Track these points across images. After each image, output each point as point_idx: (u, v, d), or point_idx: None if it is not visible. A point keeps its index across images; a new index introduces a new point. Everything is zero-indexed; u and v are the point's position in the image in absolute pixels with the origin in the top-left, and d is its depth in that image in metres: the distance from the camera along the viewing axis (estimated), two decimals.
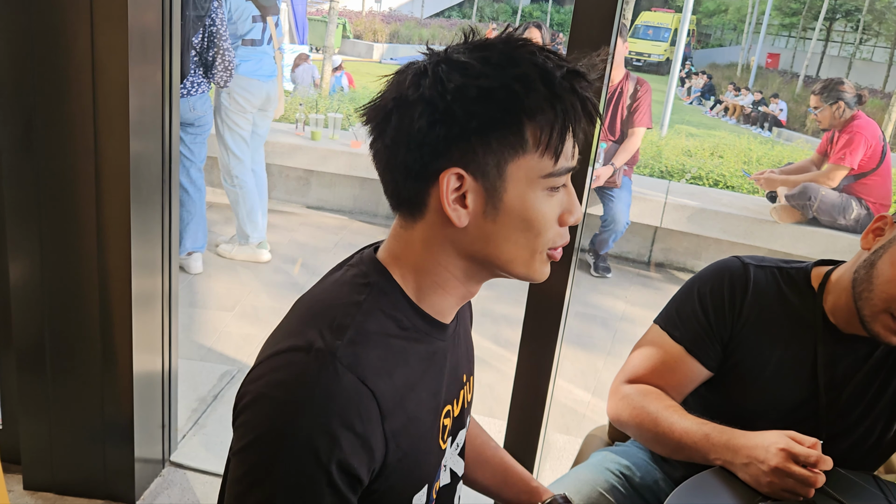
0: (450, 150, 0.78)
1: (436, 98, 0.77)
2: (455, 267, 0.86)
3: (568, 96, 0.79)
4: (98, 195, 1.73)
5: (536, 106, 0.77)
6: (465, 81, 0.77)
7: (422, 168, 0.79)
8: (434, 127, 0.77)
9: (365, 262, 0.88)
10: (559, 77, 0.78)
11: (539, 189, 0.81)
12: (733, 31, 34.88)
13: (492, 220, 0.81)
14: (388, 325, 0.83)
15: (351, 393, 0.76)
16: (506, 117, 0.77)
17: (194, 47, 3.35)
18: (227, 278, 3.81)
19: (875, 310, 1.18)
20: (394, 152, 0.80)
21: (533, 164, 0.79)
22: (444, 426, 0.93)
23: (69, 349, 1.85)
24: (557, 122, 0.78)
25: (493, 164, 0.79)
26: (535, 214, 0.82)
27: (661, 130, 10.56)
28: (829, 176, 4.16)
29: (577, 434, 2.72)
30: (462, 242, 0.83)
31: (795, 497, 1.09)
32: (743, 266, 1.32)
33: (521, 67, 0.78)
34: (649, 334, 1.37)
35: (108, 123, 1.68)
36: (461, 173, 0.79)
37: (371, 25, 23.14)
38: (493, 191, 0.80)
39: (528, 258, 0.84)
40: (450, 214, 0.80)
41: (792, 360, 1.28)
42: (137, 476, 1.98)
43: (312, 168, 5.19)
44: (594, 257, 4.55)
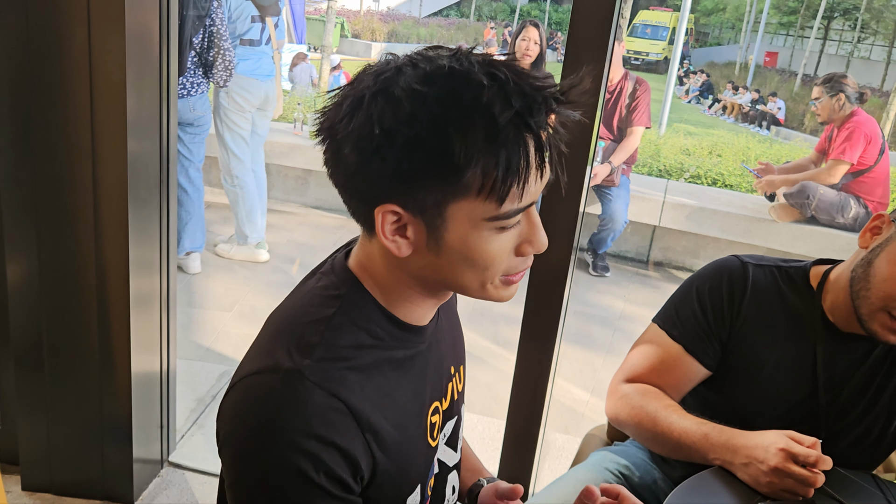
0: (387, 184, 0.74)
1: (363, 139, 0.73)
2: (414, 283, 0.84)
3: (515, 141, 0.72)
4: (95, 195, 1.72)
5: (473, 154, 0.71)
6: (392, 126, 0.71)
7: (365, 198, 0.77)
8: (365, 165, 0.74)
9: (336, 272, 0.87)
10: (504, 121, 0.71)
11: (484, 230, 0.76)
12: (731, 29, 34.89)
13: (435, 253, 0.78)
14: (360, 336, 0.82)
15: (324, 409, 0.76)
16: (439, 164, 0.72)
17: (194, 47, 3.34)
18: (226, 278, 3.81)
19: (872, 308, 1.18)
20: (334, 174, 0.79)
21: (474, 207, 0.74)
22: (432, 424, 0.93)
23: (67, 349, 1.85)
24: (499, 170, 0.72)
25: (431, 203, 0.74)
26: (479, 254, 0.78)
27: (659, 129, 10.56)
28: (830, 172, 4.15)
29: (576, 433, 2.71)
30: (411, 268, 0.81)
31: (795, 497, 1.09)
32: (742, 265, 1.32)
33: (462, 111, 0.71)
34: (648, 333, 1.37)
35: (105, 124, 1.67)
36: (398, 211, 0.75)
37: (369, 24, 23.12)
38: (433, 228, 0.76)
39: (479, 287, 0.82)
40: (388, 247, 0.78)
41: (791, 360, 1.28)
42: (136, 476, 1.97)
43: (311, 167, 5.18)
44: (593, 256, 4.55)
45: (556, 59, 16.45)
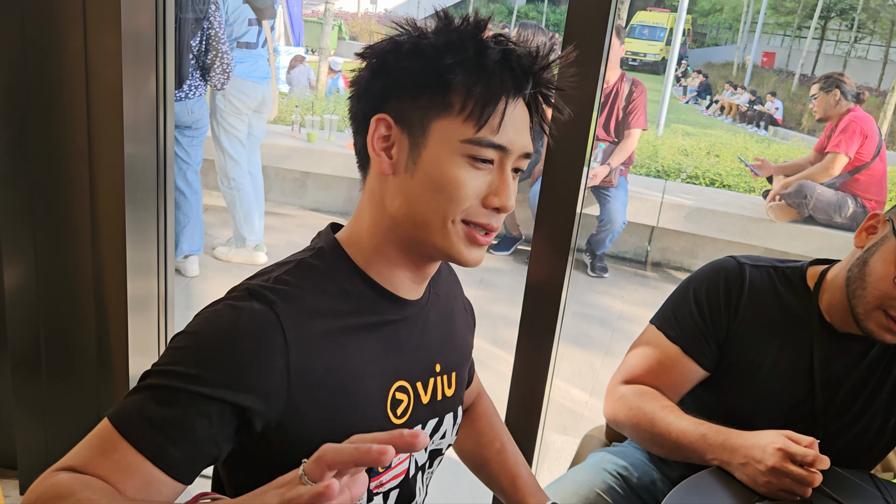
0: (385, 100, 0.85)
1: (378, 54, 0.86)
2: (387, 228, 0.88)
3: (496, 67, 0.83)
4: (92, 199, 1.72)
5: (465, 73, 0.82)
6: (404, 40, 0.84)
7: (364, 118, 0.87)
8: (373, 79, 0.86)
9: (321, 236, 0.94)
10: (494, 52, 0.83)
11: (458, 154, 0.83)
12: (728, 30, 34.92)
13: (410, 174, 0.85)
14: (323, 282, 0.87)
15: (257, 314, 0.80)
16: (431, 76, 0.82)
17: (192, 50, 3.34)
18: (224, 281, 3.80)
19: (868, 307, 1.18)
20: (352, 102, 0.89)
21: (455, 128, 0.83)
22: (396, 400, 0.92)
23: (64, 353, 1.84)
24: (479, 88, 0.82)
25: (418, 119, 0.84)
26: (448, 178, 0.83)
27: (657, 130, 10.56)
28: (829, 165, 4.15)
29: (574, 434, 2.71)
30: (387, 196, 0.87)
31: (793, 497, 1.09)
32: (739, 266, 1.32)
33: (462, 39, 0.83)
34: (645, 334, 1.37)
35: (101, 127, 1.67)
36: (388, 121, 0.85)
37: (367, 27, 23.11)
38: (415, 145, 0.84)
39: (441, 226, 0.85)
40: (373, 159, 0.86)
41: (788, 360, 1.28)
42: None
43: (309, 170, 5.18)
44: (591, 257, 4.55)
45: None
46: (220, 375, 0.77)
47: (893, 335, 1.18)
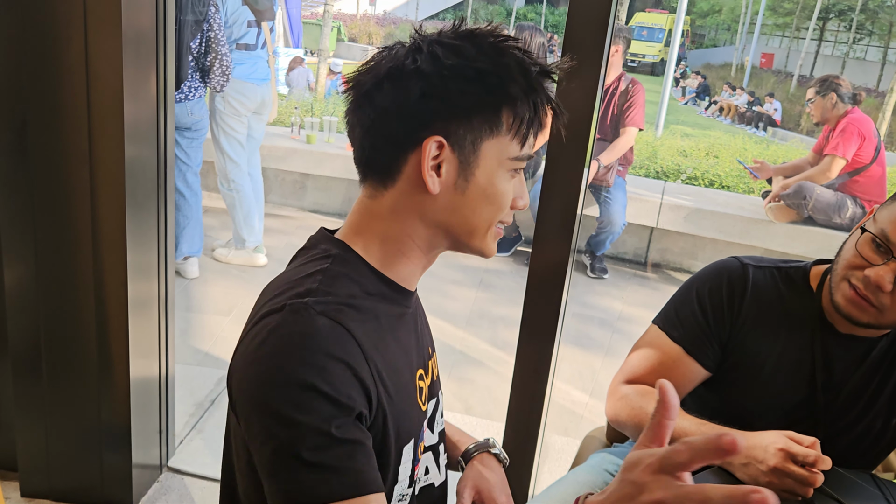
0: (435, 121, 0.85)
1: (433, 73, 0.84)
2: (419, 236, 0.91)
3: (540, 91, 0.88)
4: (93, 200, 1.72)
5: (515, 94, 0.86)
6: (461, 62, 0.84)
7: (406, 136, 0.86)
8: (426, 99, 0.84)
9: (321, 241, 0.94)
10: (534, 73, 0.87)
11: (505, 169, 0.89)
12: (727, 31, 34.96)
13: (461, 191, 0.88)
14: (353, 288, 0.88)
15: (329, 331, 0.80)
16: (490, 100, 0.86)
17: (191, 52, 3.35)
18: (224, 283, 3.80)
19: (837, 279, 1.20)
20: (382, 119, 0.86)
21: (504, 146, 0.88)
22: (420, 388, 0.97)
23: (65, 355, 1.84)
24: (529, 112, 0.88)
25: (469, 140, 0.86)
26: (498, 190, 0.90)
27: (656, 131, 10.56)
28: (827, 167, 4.16)
29: (575, 435, 2.71)
30: (429, 211, 0.89)
31: (794, 497, 1.09)
32: (741, 266, 1.32)
33: (506, 58, 0.86)
34: (648, 335, 1.37)
35: (102, 128, 1.67)
36: (442, 142, 0.85)
37: (366, 28, 23.14)
38: (466, 164, 0.87)
39: (484, 231, 0.92)
40: (426, 180, 0.86)
41: (790, 360, 1.28)
42: (135, 482, 1.97)
43: (308, 171, 5.18)
44: (591, 258, 4.55)
45: None
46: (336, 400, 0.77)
47: (858, 309, 1.18)
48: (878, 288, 1.14)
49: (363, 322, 0.85)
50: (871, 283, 1.14)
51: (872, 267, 1.15)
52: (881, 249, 1.15)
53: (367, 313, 0.87)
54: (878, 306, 1.16)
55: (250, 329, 0.85)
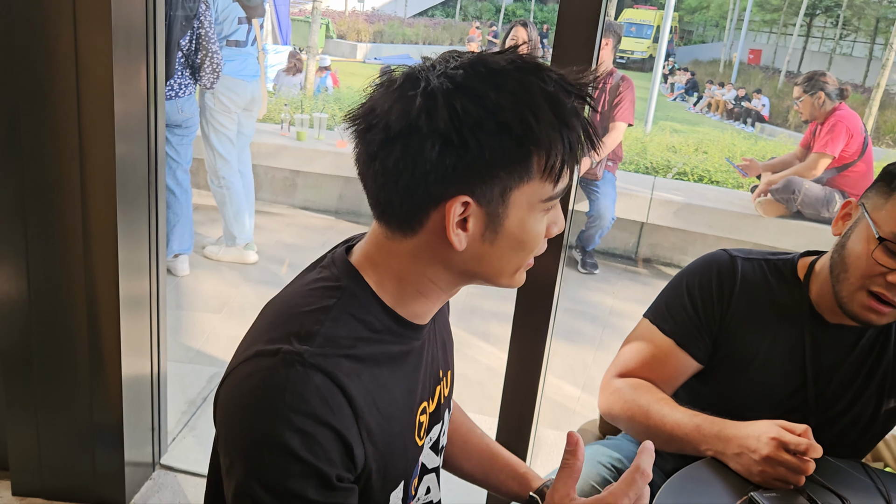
0: (457, 179, 0.77)
1: (450, 130, 0.76)
2: (440, 279, 0.86)
3: (575, 124, 0.80)
4: (84, 197, 1.71)
5: (547, 137, 0.78)
6: (481, 115, 0.76)
7: (425, 195, 0.79)
8: (445, 157, 0.76)
9: (337, 265, 0.88)
10: (569, 105, 0.79)
11: (538, 212, 0.83)
12: (715, 27, 35.09)
13: (489, 242, 0.82)
14: (358, 328, 0.84)
15: (322, 391, 0.77)
16: (518, 149, 0.78)
17: (181, 49, 3.33)
18: (215, 280, 3.80)
19: (852, 289, 1.20)
20: (394, 178, 0.79)
21: (535, 190, 0.81)
22: (419, 423, 0.94)
23: (56, 353, 1.84)
24: (563, 150, 0.79)
25: (498, 192, 0.79)
26: (531, 236, 0.84)
27: (645, 127, 10.60)
28: (813, 164, 4.19)
29: (567, 429, 2.72)
30: (454, 261, 0.84)
31: (786, 485, 1.10)
32: (731, 259, 1.33)
33: (534, 97, 0.77)
34: (639, 328, 1.38)
35: (92, 125, 1.67)
36: (468, 201, 0.79)
37: (354, 25, 23.08)
38: (494, 216, 0.80)
39: (514, 271, 0.87)
40: (452, 239, 0.80)
41: (780, 351, 1.29)
42: (127, 480, 1.96)
43: (298, 168, 5.17)
44: (581, 254, 4.56)
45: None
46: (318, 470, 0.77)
47: (877, 315, 1.19)
48: None
49: (361, 373, 0.81)
50: None
51: (894, 272, 1.15)
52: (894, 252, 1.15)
53: (366, 361, 0.83)
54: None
55: (243, 362, 0.81)
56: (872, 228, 1.17)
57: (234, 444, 0.78)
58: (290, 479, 0.76)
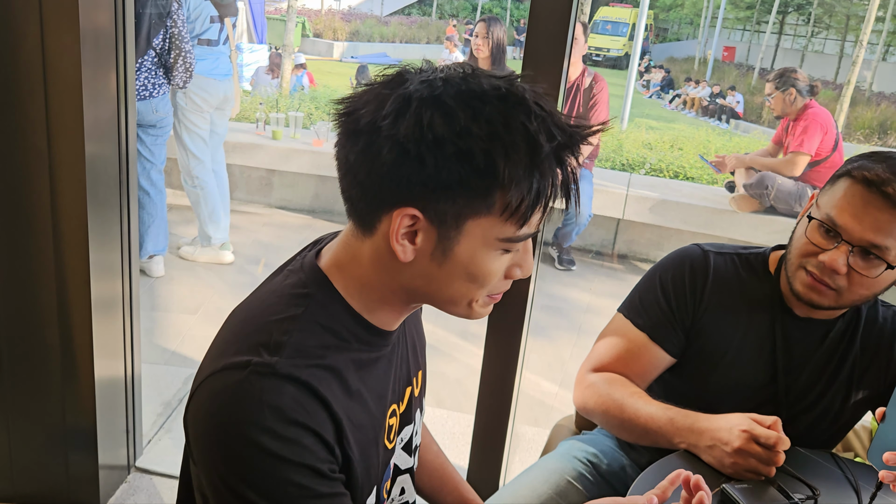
0: (411, 190, 0.75)
1: (409, 142, 0.73)
2: (398, 289, 0.84)
3: (550, 172, 0.76)
4: (53, 199, 1.69)
5: (514, 177, 0.74)
6: (444, 135, 0.72)
7: (378, 197, 0.77)
8: (400, 166, 0.74)
9: (305, 270, 0.87)
10: (547, 150, 0.74)
11: (493, 249, 0.79)
12: (690, 25, 35.39)
13: (437, 263, 0.79)
14: (326, 337, 0.83)
15: (298, 397, 0.77)
16: (479, 182, 0.74)
17: (154, 48, 3.30)
18: (190, 281, 3.76)
19: (793, 268, 1.23)
20: (356, 169, 0.78)
21: (493, 226, 0.77)
22: (389, 426, 0.94)
23: (28, 356, 1.81)
24: (530, 196, 0.75)
25: (451, 215, 0.76)
26: (482, 271, 0.80)
27: (621, 124, 10.67)
28: (792, 163, 4.24)
29: (545, 425, 2.74)
30: (404, 275, 0.82)
31: (758, 477, 1.11)
32: (703, 253, 1.35)
33: (511, 134, 0.73)
34: (613, 323, 1.39)
35: (61, 125, 1.64)
36: (416, 215, 0.76)
37: (331, 24, 22.97)
38: (445, 238, 0.78)
39: (464, 304, 0.84)
40: (395, 249, 0.78)
41: (752, 345, 1.30)
42: (102, 483, 1.94)
43: (274, 167, 5.14)
44: (558, 251, 4.58)
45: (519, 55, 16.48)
46: (313, 461, 0.78)
47: (817, 294, 1.21)
48: (833, 272, 1.17)
49: (330, 381, 0.80)
50: (827, 268, 1.17)
51: (825, 252, 1.18)
52: (830, 234, 1.18)
53: (337, 370, 0.82)
54: (836, 289, 1.19)
55: (211, 376, 0.79)
56: (813, 209, 1.21)
57: (220, 462, 0.77)
58: (288, 482, 0.76)
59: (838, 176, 1.21)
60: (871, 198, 1.14)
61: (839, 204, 1.17)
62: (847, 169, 1.19)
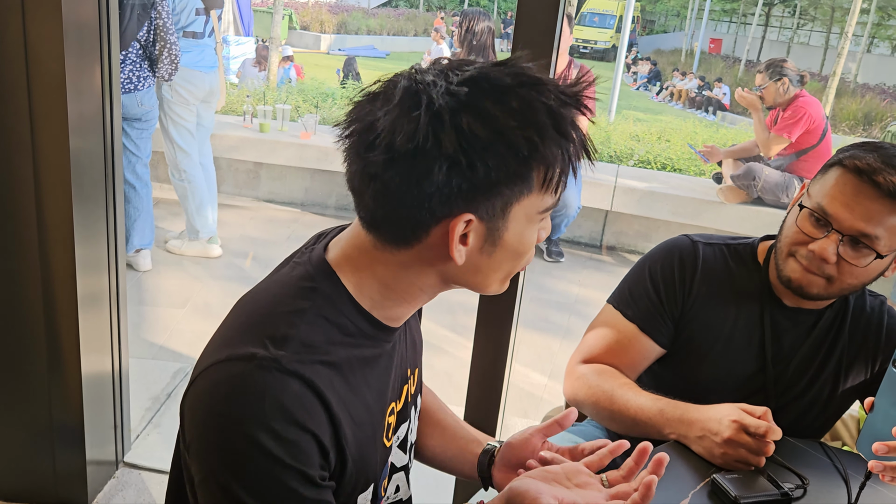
0: (462, 197, 0.77)
1: (458, 154, 0.75)
2: (429, 287, 0.86)
3: (573, 137, 0.80)
4: (38, 193, 1.67)
5: (549, 152, 0.78)
6: (489, 136, 0.75)
7: (429, 214, 0.78)
8: (451, 178, 0.76)
9: (313, 263, 0.86)
10: (569, 120, 0.80)
11: (535, 222, 0.84)
12: (676, 17, 35.45)
13: (487, 255, 0.83)
14: (332, 332, 0.83)
15: (300, 396, 0.76)
16: (522, 168, 0.78)
17: (139, 41, 3.27)
18: (178, 275, 3.74)
19: (782, 255, 1.24)
20: (396, 197, 0.77)
21: (533, 203, 0.81)
22: (388, 424, 0.94)
23: (13, 351, 1.79)
24: (564, 164, 0.80)
25: (499, 207, 0.79)
26: (527, 246, 0.85)
27: (608, 116, 10.68)
28: (768, 144, 4.27)
29: (535, 417, 2.74)
30: (449, 272, 0.84)
31: (747, 467, 1.12)
32: (692, 244, 1.35)
33: (538, 114, 0.77)
34: (603, 314, 1.39)
35: (45, 119, 1.62)
36: (471, 219, 0.78)
37: (318, 16, 22.84)
38: (494, 230, 0.81)
39: (504, 279, 0.88)
40: (454, 256, 0.80)
41: (741, 335, 1.31)
42: (90, 479, 1.93)
43: (262, 160, 5.11)
44: (546, 242, 4.58)
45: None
46: (307, 467, 0.77)
47: (807, 282, 1.21)
48: (823, 260, 1.17)
49: (333, 378, 0.81)
50: (817, 257, 1.18)
51: (815, 241, 1.18)
52: (820, 223, 1.18)
53: (340, 367, 0.82)
54: (826, 277, 1.20)
55: (213, 365, 0.79)
56: (804, 199, 1.21)
57: (214, 454, 0.77)
58: (278, 484, 0.75)
59: (830, 165, 1.21)
60: (863, 187, 1.15)
61: (830, 193, 1.18)
62: (839, 158, 1.20)
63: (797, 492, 1.09)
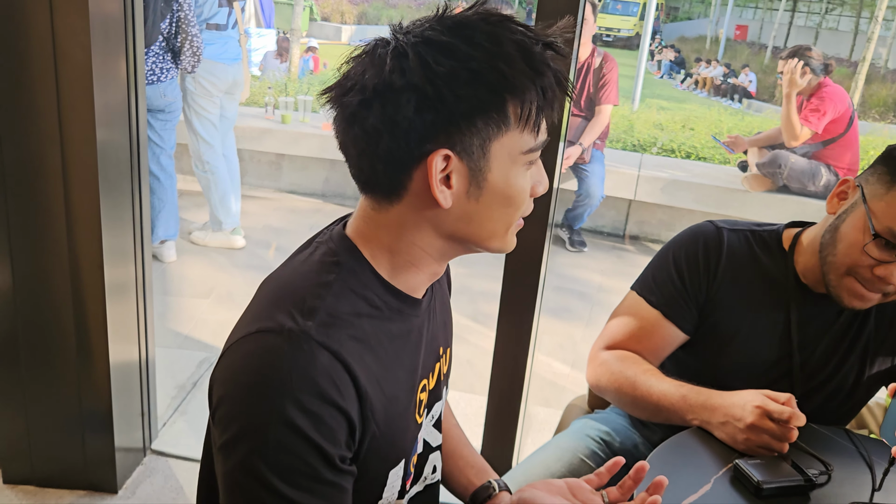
0: (437, 133, 0.78)
1: (425, 84, 0.76)
2: (430, 246, 0.86)
3: (547, 72, 0.80)
4: (66, 185, 1.70)
5: (520, 84, 0.78)
6: (453, 65, 0.76)
7: (407, 154, 0.79)
8: (423, 113, 0.77)
9: (334, 240, 0.88)
10: (538, 53, 0.79)
11: (520, 165, 0.83)
12: (701, 3, 34.98)
13: (475, 199, 0.82)
14: (359, 304, 0.84)
15: (329, 370, 0.77)
16: (492, 98, 0.78)
17: (162, 33, 3.30)
18: (202, 265, 3.78)
19: (839, 273, 1.20)
20: (375, 139, 0.79)
21: (515, 141, 0.81)
22: (420, 401, 0.94)
23: (43, 341, 1.83)
24: (538, 99, 0.80)
25: (477, 145, 0.79)
26: (516, 189, 0.84)
27: (632, 105, 10.59)
28: (794, 134, 4.19)
29: (557, 406, 2.74)
30: (443, 223, 0.84)
31: (770, 453, 1.11)
32: (717, 230, 1.34)
33: (504, 46, 0.78)
34: (626, 301, 1.38)
35: (73, 110, 1.65)
36: (448, 154, 0.79)
37: (338, 7, 22.86)
38: (477, 171, 0.81)
39: (504, 232, 0.87)
40: (437, 196, 0.80)
41: (766, 321, 1.30)
42: (119, 465, 1.97)
43: (284, 152, 5.14)
44: (569, 232, 4.57)
45: None
46: (322, 449, 0.77)
47: (861, 301, 1.20)
48: (887, 283, 1.16)
49: (363, 353, 0.81)
50: (883, 280, 1.16)
51: (883, 265, 1.16)
52: (888, 246, 1.15)
53: (369, 342, 0.83)
54: (884, 294, 1.19)
55: (244, 337, 0.80)
56: (869, 220, 1.16)
57: (237, 422, 0.77)
58: (297, 458, 0.76)
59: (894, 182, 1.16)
60: None
61: None
62: None
63: (821, 478, 1.08)
